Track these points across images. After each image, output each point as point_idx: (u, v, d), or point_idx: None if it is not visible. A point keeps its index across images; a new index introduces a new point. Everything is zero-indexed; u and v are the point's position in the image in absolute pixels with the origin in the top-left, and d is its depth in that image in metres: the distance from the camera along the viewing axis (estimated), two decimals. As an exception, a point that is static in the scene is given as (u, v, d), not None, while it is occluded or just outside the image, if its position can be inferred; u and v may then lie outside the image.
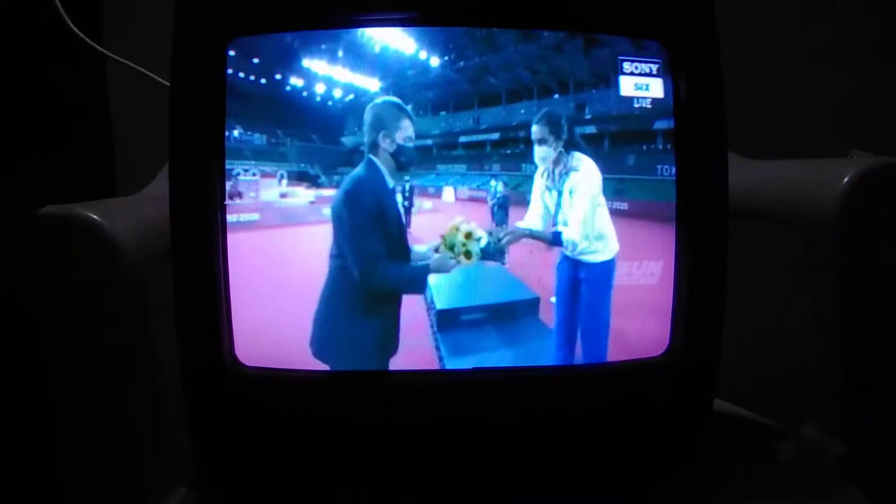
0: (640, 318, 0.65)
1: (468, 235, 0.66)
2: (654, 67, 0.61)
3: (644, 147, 0.63)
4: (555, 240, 0.70)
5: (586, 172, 0.69)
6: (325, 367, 0.62)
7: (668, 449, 0.66)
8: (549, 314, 0.69)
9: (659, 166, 0.63)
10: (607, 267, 0.69)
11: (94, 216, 0.58)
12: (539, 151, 0.68)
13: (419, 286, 0.69)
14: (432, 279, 0.67)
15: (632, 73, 0.61)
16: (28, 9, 0.89)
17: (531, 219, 0.71)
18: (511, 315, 0.68)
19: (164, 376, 0.62)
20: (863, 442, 0.70)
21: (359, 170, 0.67)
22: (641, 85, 0.61)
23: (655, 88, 0.61)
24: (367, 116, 0.66)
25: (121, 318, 0.60)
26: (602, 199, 0.68)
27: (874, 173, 0.66)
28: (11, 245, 0.89)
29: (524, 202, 0.68)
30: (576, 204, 0.70)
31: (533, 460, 0.64)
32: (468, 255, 0.66)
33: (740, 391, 0.80)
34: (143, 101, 0.93)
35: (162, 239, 0.61)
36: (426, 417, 0.62)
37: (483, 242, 0.67)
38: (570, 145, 0.68)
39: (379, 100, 0.64)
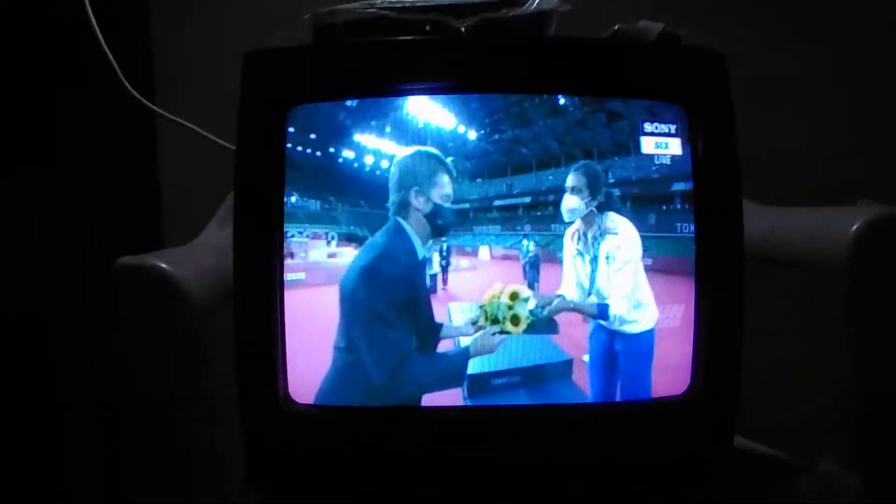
0: (663, 360, 0.66)
1: (513, 296, 0.59)
2: (673, 128, 0.65)
3: (664, 207, 0.66)
4: (601, 314, 0.65)
5: (626, 236, 0.63)
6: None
7: (689, 485, 0.67)
8: (582, 375, 0.68)
9: (678, 224, 0.65)
10: (647, 338, 0.64)
11: (164, 265, 0.64)
12: (568, 202, 0.64)
13: (457, 380, 0.60)
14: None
15: (652, 133, 0.65)
16: (81, 66, 0.96)
17: (567, 289, 0.66)
18: (544, 378, 0.66)
19: (224, 408, 0.66)
20: (878, 476, 0.71)
21: (380, 236, 0.60)
22: (661, 144, 0.65)
23: (674, 147, 0.65)
24: (395, 170, 0.59)
25: (185, 355, 0.65)
26: (641, 264, 0.64)
27: (882, 222, 0.68)
28: (76, 291, 0.95)
29: (555, 259, 0.67)
30: (617, 274, 0.63)
31: (559, 494, 0.66)
32: (515, 320, 0.58)
33: (760, 428, 0.81)
34: (190, 154, 1.00)
35: (219, 284, 0.67)
36: (468, 451, 0.64)
37: (532, 305, 0.59)
38: (605, 206, 0.64)
39: (411, 150, 0.59)
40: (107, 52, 0.87)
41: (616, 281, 0.64)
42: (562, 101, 0.65)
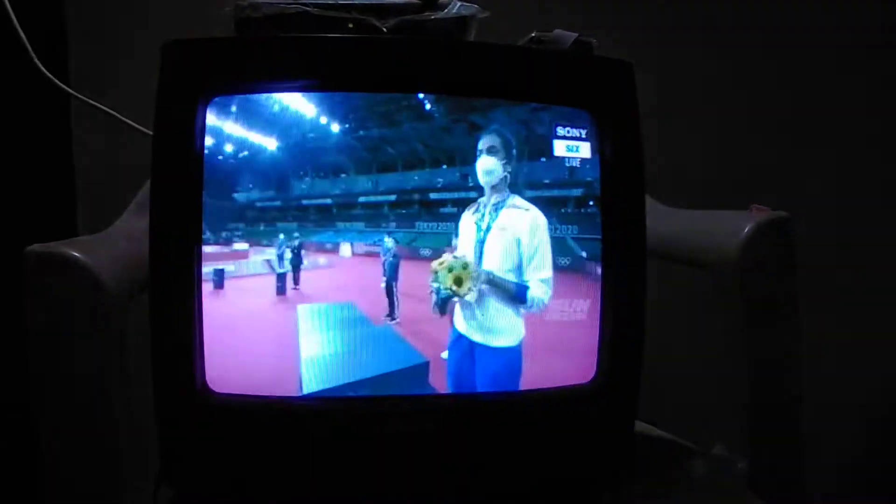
0: (571, 350, 0.69)
1: (454, 271, 0.58)
2: (584, 132, 0.67)
3: (570, 210, 0.68)
4: (519, 293, 0.63)
5: (536, 217, 0.62)
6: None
7: (592, 467, 0.70)
8: (440, 378, 0.66)
9: (586, 225, 0.67)
10: (512, 356, 0.62)
11: (76, 253, 0.62)
12: (485, 163, 0.63)
13: None
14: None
15: (564, 137, 0.67)
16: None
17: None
18: (397, 387, 0.64)
19: (141, 399, 0.65)
20: (765, 460, 0.77)
21: None
22: (572, 147, 0.67)
23: (584, 150, 0.68)
24: None
25: (100, 346, 0.63)
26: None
27: (770, 225, 0.74)
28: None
29: (416, 256, 0.66)
30: (538, 247, 0.62)
31: (469, 481, 0.67)
32: (458, 280, 0.58)
33: (659, 414, 0.86)
34: (107, 138, 0.97)
35: (135, 272, 0.65)
36: (387, 438, 0.64)
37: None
38: (514, 186, 0.63)
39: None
40: (17, 29, 0.84)
41: (536, 257, 0.62)
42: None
